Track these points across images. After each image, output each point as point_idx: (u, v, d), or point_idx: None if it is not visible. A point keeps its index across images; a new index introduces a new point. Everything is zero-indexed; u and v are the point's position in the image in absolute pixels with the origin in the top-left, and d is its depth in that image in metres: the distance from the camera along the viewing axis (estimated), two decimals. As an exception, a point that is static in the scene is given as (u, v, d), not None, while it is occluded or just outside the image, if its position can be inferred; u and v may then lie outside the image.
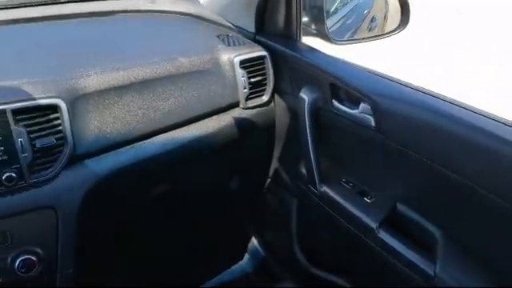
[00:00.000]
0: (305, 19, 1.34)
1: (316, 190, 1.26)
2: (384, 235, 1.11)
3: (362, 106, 1.10)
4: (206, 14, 1.40)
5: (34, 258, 0.96)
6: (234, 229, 1.77)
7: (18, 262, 0.95)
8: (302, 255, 1.50)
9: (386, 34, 1.47)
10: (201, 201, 1.52)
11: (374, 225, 1.12)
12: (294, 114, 1.29)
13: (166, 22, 1.36)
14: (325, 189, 1.24)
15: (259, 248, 1.75)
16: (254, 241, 1.77)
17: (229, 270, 1.77)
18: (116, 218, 1.15)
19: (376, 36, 1.48)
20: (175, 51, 1.19)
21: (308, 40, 1.36)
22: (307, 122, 1.21)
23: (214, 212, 1.64)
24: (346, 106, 1.14)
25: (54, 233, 0.99)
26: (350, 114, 1.13)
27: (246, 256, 1.79)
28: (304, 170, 1.32)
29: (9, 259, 0.95)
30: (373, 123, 1.07)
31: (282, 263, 1.65)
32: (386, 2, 1.51)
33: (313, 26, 1.36)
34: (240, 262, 1.79)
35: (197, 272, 1.70)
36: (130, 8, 1.37)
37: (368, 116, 1.08)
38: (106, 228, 1.12)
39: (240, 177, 1.59)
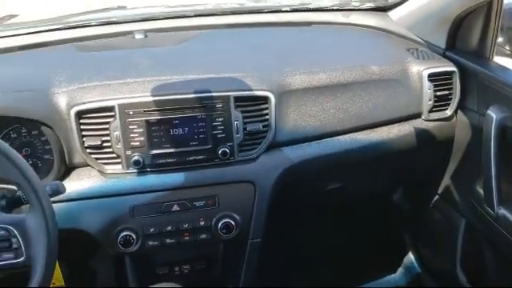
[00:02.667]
0: (499, 39, 1.34)
1: (493, 211, 1.24)
2: None
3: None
4: (397, 28, 1.47)
5: (233, 223, 1.14)
6: (391, 240, 1.79)
7: (220, 223, 1.13)
8: (464, 277, 1.47)
9: None
10: (364, 205, 1.59)
11: None
12: (477, 131, 1.28)
13: (359, 34, 1.47)
14: (503, 211, 1.22)
15: (415, 263, 1.75)
16: (410, 256, 1.78)
17: (380, 280, 1.80)
18: (297, 202, 1.29)
19: None
20: (367, 60, 1.28)
21: (499, 60, 1.36)
22: (493, 141, 1.20)
23: (375, 219, 1.70)
24: (540, 128, 1.12)
25: (250, 204, 1.15)
26: None
27: (400, 270, 1.80)
28: (480, 190, 1.31)
29: (214, 220, 1.14)
30: None
31: (441, 282, 1.63)
32: None
33: (507, 47, 1.35)
34: (393, 275, 1.81)
35: (348, 275, 1.76)
36: (326, 20, 1.52)
37: None
38: (289, 209, 1.26)
39: (408, 189, 1.62)
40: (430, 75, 1.29)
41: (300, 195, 1.30)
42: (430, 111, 1.32)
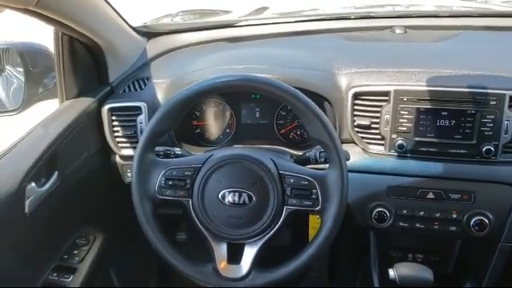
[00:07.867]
0: None
1: None
2: None
3: None
4: None
5: (486, 221, 1.12)
6: None
7: (473, 220, 1.13)
8: None
9: None
10: None
11: None
12: None
13: None
14: None
15: None
16: None
17: None
18: None
19: None
20: None
21: None
22: None
23: None
24: None
25: (508, 206, 1.13)
26: None
27: None
28: None
29: (467, 215, 1.14)
30: None
31: None
32: None
33: None
34: None
35: None
36: None
37: None
38: None
39: None
40: None
41: None
42: None
